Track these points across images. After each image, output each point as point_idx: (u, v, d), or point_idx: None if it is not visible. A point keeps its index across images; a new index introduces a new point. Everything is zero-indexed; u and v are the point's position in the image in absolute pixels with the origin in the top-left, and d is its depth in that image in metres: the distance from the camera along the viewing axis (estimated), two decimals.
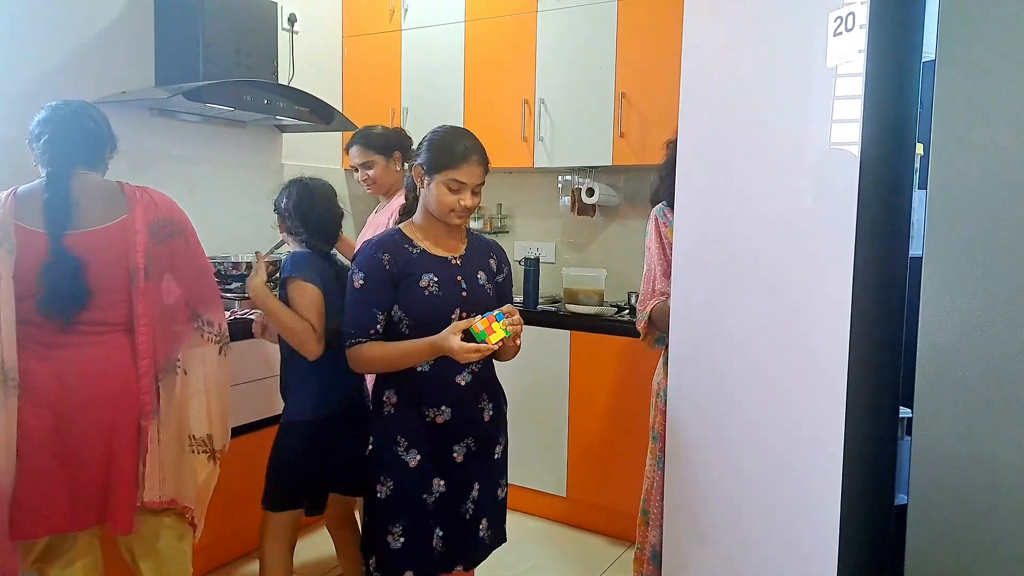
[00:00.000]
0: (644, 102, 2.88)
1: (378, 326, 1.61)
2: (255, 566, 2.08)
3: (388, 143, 2.44)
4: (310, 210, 1.94)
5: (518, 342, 1.61)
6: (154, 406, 1.72)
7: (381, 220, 2.41)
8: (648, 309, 1.94)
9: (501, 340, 1.52)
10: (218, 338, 1.84)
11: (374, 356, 1.60)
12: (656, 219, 1.99)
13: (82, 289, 1.63)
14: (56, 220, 1.62)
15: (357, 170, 2.46)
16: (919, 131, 1.44)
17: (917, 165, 1.46)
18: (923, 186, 1.35)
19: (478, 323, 1.51)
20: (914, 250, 1.42)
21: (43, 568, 1.79)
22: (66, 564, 1.79)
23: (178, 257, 1.78)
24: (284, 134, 3.34)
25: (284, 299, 1.87)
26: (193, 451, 1.81)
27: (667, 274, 1.90)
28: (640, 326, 2.00)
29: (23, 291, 1.61)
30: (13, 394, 1.60)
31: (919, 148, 1.44)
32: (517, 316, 1.56)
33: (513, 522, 1.85)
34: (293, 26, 3.32)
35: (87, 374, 1.66)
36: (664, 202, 1.99)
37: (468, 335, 1.53)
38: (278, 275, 2.03)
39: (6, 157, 2.25)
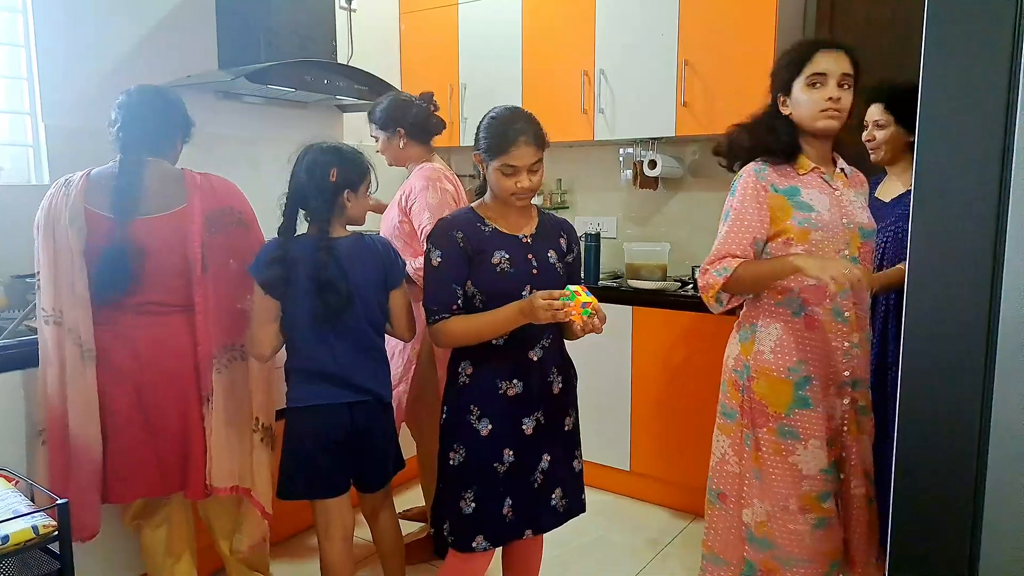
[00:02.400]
0: (709, 69, 2.77)
1: (459, 301, 1.64)
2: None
3: (388, 117, 2.29)
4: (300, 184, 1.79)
5: (592, 322, 1.56)
6: (211, 393, 1.77)
7: (397, 197, 2.30)
8: (733, 266, 1.71)
9: (584, 306, 1.51)
10: None
11: (461, 329, 1.63)
12: (756, 179, 1.74)
13: (136, 274, 1.69)
14: (123, 207, 1.69)
15: (377, 140, 2.37)
16: None
17: None
18: None
19: (571, 292, 1.52)
20: None
21: (139, 524, 1.92)
22: (159, 523, 1.91)
23: (237, 246, 1.80)
24: (344, 113, 3.38)
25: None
26: (257, 434, 1.87)
27: (756, 240, 1.72)
28: (715, 283, 1.74)
29: (92, 270, 1.69)
30: (91, 364, 1.70)
31: None
32: (599, 321, 1.54)
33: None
34: (351, 4, 3.33)
35: (157, 347, 1.74)
36: (762, 160, 1.76)
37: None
38: None
39: (79, 146, 2.34)
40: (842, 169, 1.80)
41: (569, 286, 1.54)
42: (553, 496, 1.74)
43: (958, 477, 1.27)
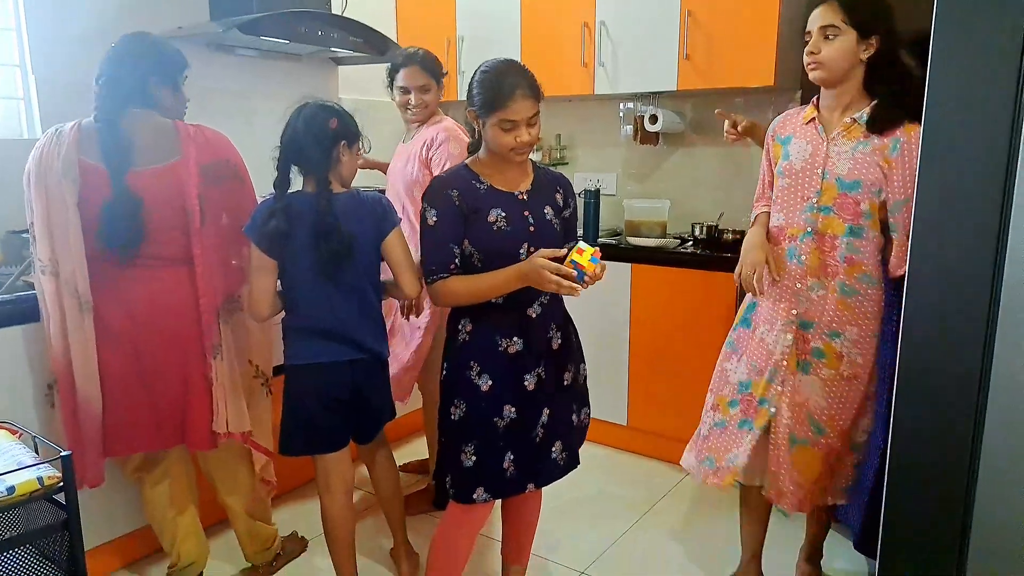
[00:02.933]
0: (712, 20, 2.71)
1: (456, 260, 1.63)
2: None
3: (439, 70, 2.35)
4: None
5: (595, 275, 1.55)
6: (216, 342, 1.79)
7: (413, 151, 2.30)
8: (755, 213, 1.97)
9: (592, 273, 1.50)
10: None
11: (460, 289, 1.62)
12: (769, 129, 1.95)
13: (139, 226, 1.67)
14: (115, 158, 1.66)
15: (409, 92, 2.31)
16: None
17: None
18: None
19: (574, 253, 1.50)
20: None
21: (141, 477, 1.95)
22: (160, 476, 1.94)
23: (232, 198, 1.81)
24: (340, 67, 3.31)
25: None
26: (258, 380, 1.91)
27: (767, 185, 1.94)
28: None
29: (86, 224, 1.67)
30: (89, 316, 1.70)
31: None
32: (602, 264, 1.53)
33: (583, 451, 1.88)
34: None
35: (152, 305, 1.74)
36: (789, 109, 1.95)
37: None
38: None
39: (71, 99, 2.28)
40: (854, 119, 1.72)
41: (575, 245, 1.52)
42: (553, 449, 1.75)
43: (950, 475, 1.28)
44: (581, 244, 1.52)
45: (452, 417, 1.69)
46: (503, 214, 1.63)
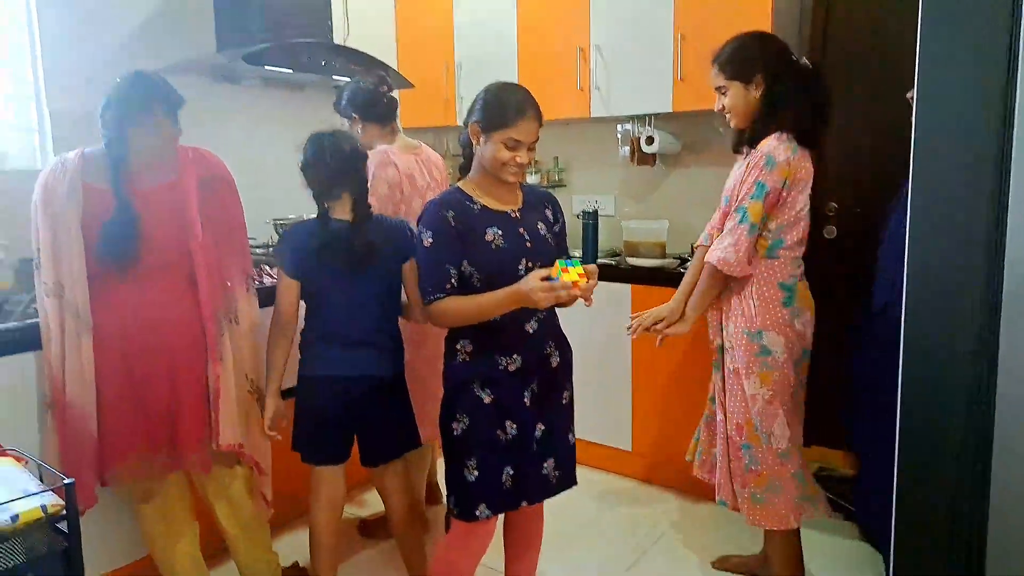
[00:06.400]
0: (705, 42, 2.72)
1: (453, 280, 1.66)
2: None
3: (345, 105, 2.35)
4: (310, 166, 1.93)
5: (590, 286, 1.59)
6: (220, 352, 1.84)
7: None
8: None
9: (580, 287, 1.53)
10: (252, 286, 1.97)
11: (457, 309, 1.65)
12: None
13: (139, 241, 1.74)
14: (119, 179, 1.74)
15: None
16: None
17: None
18: None
19: (559, 269, 1.53)
20: None
21: (139, 508, 1.96)
22: (158, 505, 1.95)
23: (227, 213, 1.89)
24: None
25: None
26: (251, 393, 1.95)
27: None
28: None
29: (89, 244, 1.73)
30: (87, 336, 1.74)
31: None
32: (592, 268, 1.58)
33: (579, 476, 1.88)
34: None
35: (153, 320, 1.78)
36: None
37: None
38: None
39: (83, 130, 2.34)
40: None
41: (559, 261, 1.56)
42: (545, 466, 1.77)
43: (961, 482, 1.26)
44: (562, 263, 1.55)
45: (454, 432, 1.70)
46: (499, 232, 1.66)
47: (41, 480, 1.51)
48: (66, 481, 1.39)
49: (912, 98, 2.09)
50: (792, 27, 2.87)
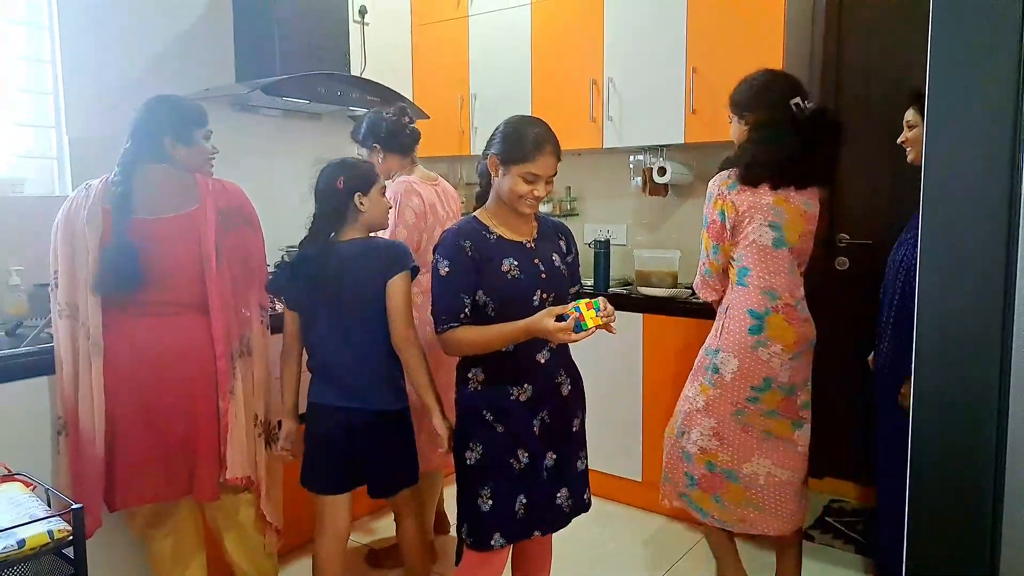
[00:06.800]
0: (717, 76, 2.78)
1: (467, 310, 1.66)
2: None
3: (366, 134, 2.36)
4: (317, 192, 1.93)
5: (611, 318, 1.60)
6: (231, 386, 1.83)
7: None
8: None
9: (597, 327, 1.54)
10: (267, 322, 1.96)
11: (469, 339, 1.65)
12: None
13: (148, 273, 1.74)
14: (120, 206, 1.75)
15: None
16: None
17: None
18: None
19: (576, 309, 1.54)
20: None
21: (148, 533, 1.95)
22: (167, 532, 1.94)
23: (245, 245, 1.88)
24: None
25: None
26: (258, 433, 1.91)
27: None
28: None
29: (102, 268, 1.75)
30: (98, 358, 1.75)
31: None
32: (611, 308, 1.57)
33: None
34: (364, 18, 3.39)
35: (167, 349, 1.78)
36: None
37: (560, 320, 1.56)
38: None
39: (101, 157, 2.39)
40: None
41: (575, 304, 1.55)
42: (559, 495, 1.76)
43: (975, 485, 1.25)
44: (581, 302, 1.56)
45: (468, 462, 1.70)
46: (515, 263, 1.67)
47: (49, 505, 1.51)
48: (74, 506, 1.39)
49: (904, 142, 2.14)
50: (804, 61, 2.90)
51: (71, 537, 1.38)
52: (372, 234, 1.95)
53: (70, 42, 2.46)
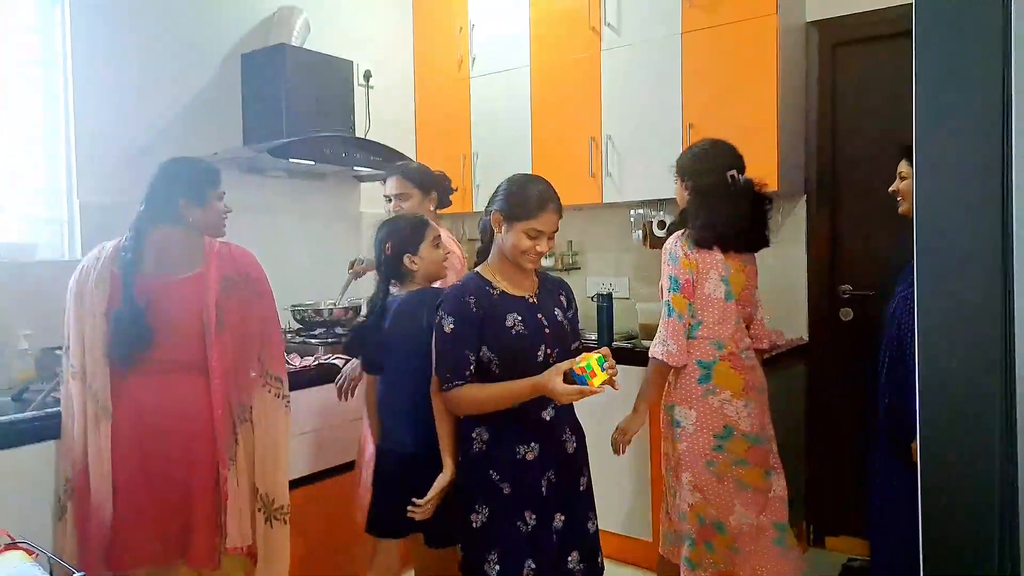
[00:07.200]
0: (713, 132, 2.82)
1: (472, 367, 1.66)
2: None
3: (426, 181, 2.45)
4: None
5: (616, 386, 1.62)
6: (231, 453, 1.80)
7: None
8: None
9: (604, 383, 1.56)
10: (283, 393, 1.90)
11: (475, 398, 1.65)
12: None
13: (151, 335, 1.74)
14: (129, 268, 1.77)
15: (390, 201, 2.46)
16: None
17: None
18: None
19: (582, 365, 1.55)
20: None
21: None
22: None
23: (250, 312, 1.86)
24: (362, 183, 3.50)
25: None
26: (257, 508, 1.84)
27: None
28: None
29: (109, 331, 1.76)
30: (106, 419, 1.74)
31: None
32: (613, 361, 1.60)
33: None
34: (368, 81, 3.49)
35: (167, 411, 1.77)
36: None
37: (567, 377, 1.57)
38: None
39: (111, 221, 2.44)
40: None
41: (587, 357, 1.56)
42: (570, 559, 1.72)
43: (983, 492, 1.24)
44: (588, 365, 1.56)
45: (474, 525, 1.67)
46: (519, 318, 1.68)
47: (51, 574, 1.48)
48: (77, 575, 1.36)
49: (896, 192, 2.20)
50: (798, 116, 2.97)
51: None
52: (435, 284, 2.05)
53: (83, 107, 2.53)
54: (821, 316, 3.04)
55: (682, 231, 2.22)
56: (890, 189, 2.23)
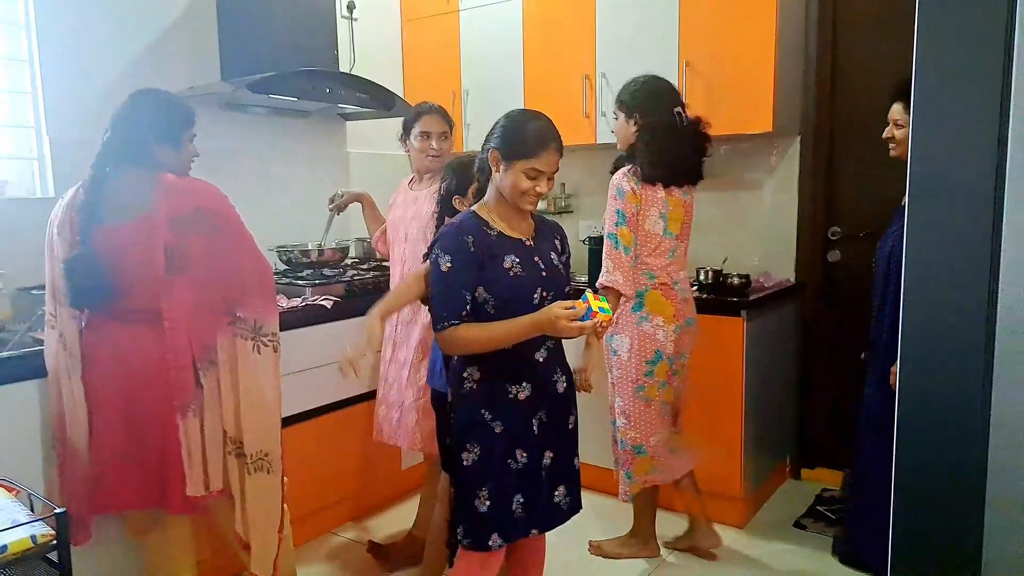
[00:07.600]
0: (710, 70, 2.76)
1: (468, 307, 1.63)
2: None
3: (452, 122, 2.51)
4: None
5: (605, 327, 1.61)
6: (187, 401, 1.72)
7: (423, 198, 2.42)
8: None
9: (604, 320, 1.53)
10: (253, 335, 1.76)
11: (473, 337, 1.61)
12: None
13: (104, 282, 1.68)
14: (84, 217, 1.69)
15: (431, 137, 2.40)
16: None
17: None
18: None
19: (586, 302, 1.53)
20: None
21: (138, 540, 1.91)
22: (158, 537, 1.89)
23: (208, 250, 1.72)
24: (348, 122, 3.39)
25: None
26: (228, 452, 1.79)
27: None
28: None
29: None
30: (76, 369, 1.71)
31: None
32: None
33: (584, 499, 1.85)
34: (352, 13, 3.35)
35: (134, 359, 1.73)
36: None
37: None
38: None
39: (83, 158, 2.35)
40: None
41: (585, 294, 1.55)
42: (557, 493, 1.75)
43: (961, 473, 1.25)
44: (588, 293, 1.55)
45: (465, 463, 1.67)
46: (517, 260, 1.65)
47: (32, 510, 1.47)
48: (57, 511, 1.36)
49: (890, 138, 2.16)
50: (797, 55, 2.88)
51: (55, 542, 1.35)
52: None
53: (48, 40, 2.40)
54: (811, 257, 3.03)
55: (629, 167, 2.29)
56: (883, 136, 2.20)
